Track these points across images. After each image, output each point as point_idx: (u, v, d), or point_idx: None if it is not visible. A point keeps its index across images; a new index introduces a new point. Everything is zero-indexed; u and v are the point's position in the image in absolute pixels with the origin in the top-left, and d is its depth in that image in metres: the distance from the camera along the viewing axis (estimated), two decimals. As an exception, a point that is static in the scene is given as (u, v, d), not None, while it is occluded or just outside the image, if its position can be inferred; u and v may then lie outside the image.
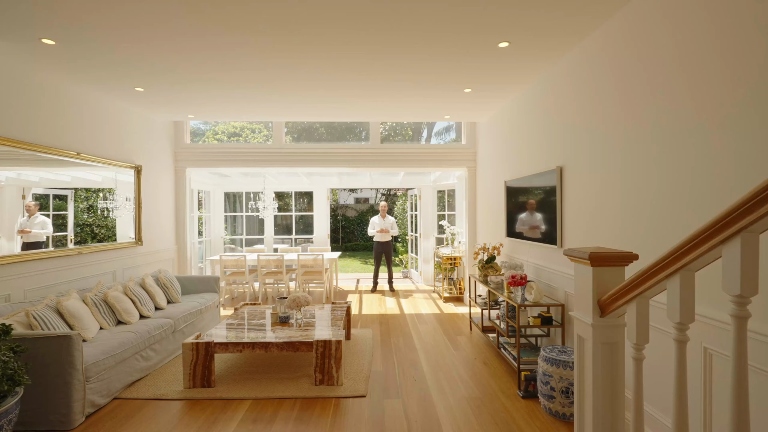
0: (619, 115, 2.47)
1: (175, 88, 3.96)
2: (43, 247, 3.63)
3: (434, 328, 4.69)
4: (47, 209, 3.74)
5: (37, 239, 3.63)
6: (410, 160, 5.83)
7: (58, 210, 3.90)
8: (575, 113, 3.00)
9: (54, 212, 3.82)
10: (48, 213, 3.75)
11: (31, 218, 3.59)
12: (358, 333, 4.46)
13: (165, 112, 4.88)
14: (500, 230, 4.66)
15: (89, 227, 4.41)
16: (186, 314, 3.99)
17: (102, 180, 4.35)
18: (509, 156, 4.43)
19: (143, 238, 4.81)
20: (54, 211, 3.82)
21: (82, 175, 4.13)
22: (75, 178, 4.06)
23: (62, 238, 3.89)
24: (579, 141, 2.95)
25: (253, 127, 12.31)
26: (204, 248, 7.34)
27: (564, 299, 3.15)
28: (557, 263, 3.27)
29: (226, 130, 12.13)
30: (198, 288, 4.79)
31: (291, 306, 3.70)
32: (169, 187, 5.51)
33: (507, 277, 3.41)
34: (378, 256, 6.96)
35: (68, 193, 3.99)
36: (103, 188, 4.38)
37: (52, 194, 3.88)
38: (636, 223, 2.31)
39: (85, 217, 4.19)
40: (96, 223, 4.35)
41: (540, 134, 3.62)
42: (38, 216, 3.64)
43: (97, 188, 4.33)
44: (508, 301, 3.35)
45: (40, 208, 3.66)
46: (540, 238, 3.56)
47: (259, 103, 4.53)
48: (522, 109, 4.05)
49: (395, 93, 4.12)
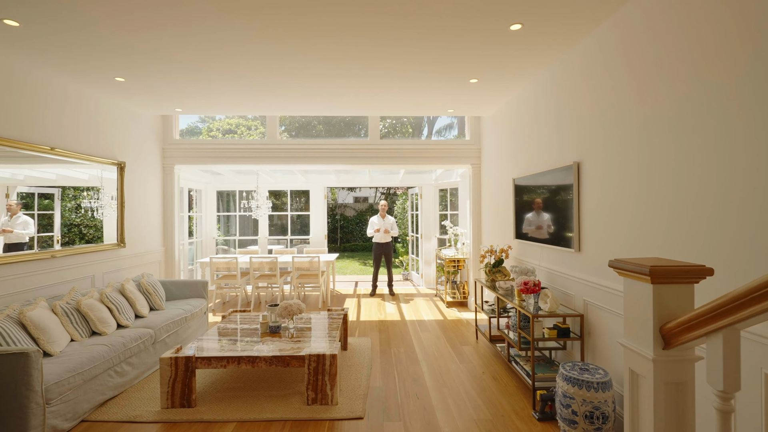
0: (645, 105, 2.17)
1: (159, 78, 3.65)
2: (25, 248, 3.41)
3: (437, 337, 4.39)
4: (32, 209, 3.52)
5: (18, 240, 3.39)
6: (411, 156, 5.53)
7: (45, 209, 3.69)
8: (594, 104, 2.69)
9: (40, 212, 3.60)
10: (33, 213, 3.54)
11: (13, 218, 3.36)
12: (355, 342, 4.15)
13: (150, 105, 4.56)
14: (508, 231, 4.36)
15: (77, 228, 4.19)
16: (169, 323, 3.68)
17: (89, 178, 4.13)
18: (517, 152, 4.13)
19: (126, 240, 4.50)
20: (40, 211, 3.61)
21: (67, 173, 3.89)
22: (60, 176, 3.83)
23: (48, 239, 3.68)
24: (600, 134, 2.65)
25: (249, 124, 11.99)
26: (195, 249, 7.02)
27: (582, 309, 2.84)
28: (574, 268, 2.97)
29: (221, 128, 11.81)
30: (185, 293, 4.48)
31: (282, 314, 3.39)
32: (156, 186, 5.20)
33: (518, 283, 3.11)
34: (377, 258, 6.65)
35: (55, 192, 3.78)
36: (90, 187, 4.15)
37: (37, 193, 3.66)
38: (673, 225, 2.01)
39: (72, 217, 3.98)
40: (84, 223, 4.13)
41: (553, 128, 3.32)
42: (20, 215, 3.42)
43: (85, 187, 4.10)
44: (519, 311, 3.05)
45: (26, 208, 3.46)
46: (553, 241, 3.26)
47: (252, 96, 4.22)
48: (531, 102, 3.75)
49: (396, 84, 3.81)
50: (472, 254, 5.53)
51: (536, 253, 3.66)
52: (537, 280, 3.04)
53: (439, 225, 7.31)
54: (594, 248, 2.72)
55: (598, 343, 2.68)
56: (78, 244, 3.95)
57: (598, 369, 2.41)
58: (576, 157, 2.94)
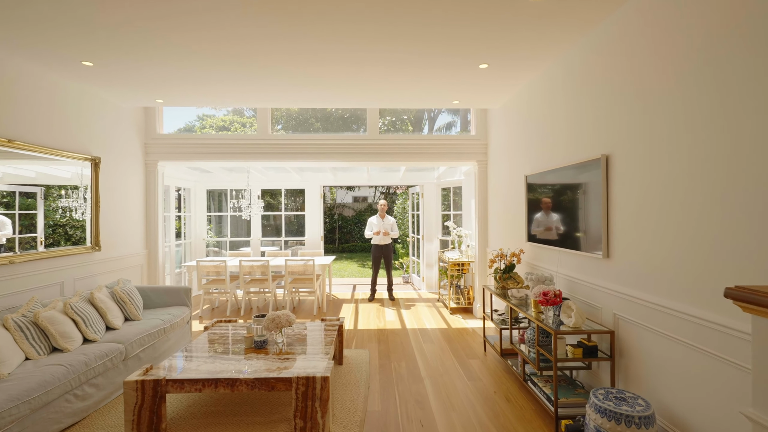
0: (692, 89, 1.80)
1: (133, 62, 3.27)
2: (2, 250, 3.17)
3: (442, 348, 4.01)
4: (13, 208, 3.30)
5: (-8, 240, 3.10)
6: (412, 153, 5.15)
7: (27, 209, 3.45)
8: (626, 89, 2.32)
9: (22, 211, 3.37)
10: (14, 212, 3.30)
11: (-13, 218, 3.05)
12: (352, 355, 3.78)
13: (127, 95, 4.17)
14: (519, 233, 3.99)
15: (62, 228, 3.88)
16: (144, 335, 3.30)
17: (71, 176, 3.85)
18: (530, 146, 3.76)
19: (102, 242, 4.12)
20: (22, 210, 3.37)
21: (46, 171, 3.61)
22: (40, 174, 3.55)
23: (31, 240, 3.44)
24: (634, 123, 2.27)
25: (244, 121, 11.61)
26: (183, 252, 6.64)
27: (612, 324, 2.47)
28: (602, 277, 2.60)
29: (215, 125, 11.43)
30: (165, 301, 4.10)
31: (270, 327, 3.01)
32: (137, 184, 4.82)
33: (536, 293, 2.74)
34: (376, 261, 6.28)
35: (37, 190, 3.53)
36: (72, 186, 3.85)
37: (18, 192, 3.38)
38: (742, 227, 1.64)
39: (57, 217, 3.72)
40: (70, 224, 3.85)
41: (573, 118, 2.95)
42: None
43: (70, 186, 3.83)
44: (538, 325, 2.67)
45: (6, 207, 3.24)
46: (575, 245, 2.88)
47: (241, 84, 3.84)
48: (546, 90, 3.37)
49: (398, 70, 3.43)
50: (478, 257, 5.16)
51: (553, 258, 3.29)
52: (557, 290, 2.67)
53: (442, 226, 6.94)
54: (627, 254, 2.35)
55: (634, 365, 2.30)
56: (63, 246, 3.74)
57: (636, 399, 2.03)
58: (603, 149, 2.56)
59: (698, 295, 1.85)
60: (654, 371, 2.15)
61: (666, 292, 2.04)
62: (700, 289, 1.84)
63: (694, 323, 1.87)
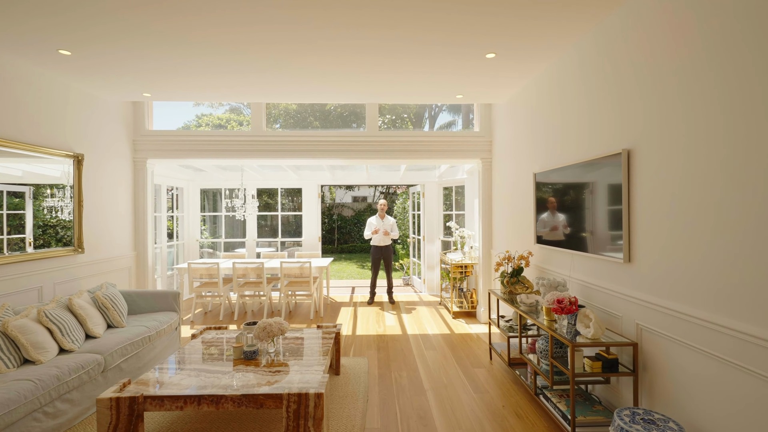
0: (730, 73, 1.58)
1: (114, 52, 3.04)
2: None
3: (445, 356, 3.79)
4: (0, 208, 3.16)
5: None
6: (413, 150, 4.93)
7: (15, 209, 3.31)
8: (651, 76, 2.10)
9: (9, 211, 3.23)
10: (1, 212, 3.16)
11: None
12: (350, 364, 3.56)
13: (111, 88, 3.94)
14: (527, 235, 3.77)
15: (53, 229, 3.69)
16: (126, 344, 3.08)
17: (60, 175, 3.69)
18: (539, 143, 3.54)
19: (85, 244, 3.90)
20: (9, 210, 3.23)
21: (32, 169, 3.44)
22: (27, 172, 3.39)
23: (19, 241, 3.28)
24: (659, 112, 2.06)
25: (241, 120, 11.38)
26: (176, 253, 6.42)
27: (635, 335, 2.25)
28: (622, 283, 2.38)
29: (211, 122, 11.20)
30: (153, 306, 3.87)
31: (261, 336, 2.79)
32: (125, 182, 4.59)
33: (550, 300, 2.52)
34: (376, 262, 6.06)
35: (25, 190, 3.38)
36: (60, 184, 3.69)
37: (6, 191, 3.23)
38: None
39: (48, 218, 3.57)
40: (61, 224, 3.69)
41: (588, 111, 2.73)
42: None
43: (59, 185, 3.68)
44: (551, 335, 2.45)
45: None
46: (590, 247, 2.66)
47: (234, 77, 3.62)
48: (557, 83, 3.15)
49: (399, 60, 3.21)
50: (482, 259, 4.94)
51: (564, 261, 3.07)
52: (573, 297, 2.45)
53: (444, 226, 6.72)
54: (652, 258, 2.13)
55: (660, 381, 2.08)
56: (54, 247, 3.59)
57: (667, 422, 1.81)
58: (625, 143, 2.34)
59: (741, 306, 1.62)
60: (684, 389, 1.93)
61: (701, 302, 1.82)
62: (743, 299, 1.61)
63: (734, 338, 1.64)
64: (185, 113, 12.27)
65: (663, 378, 2.06)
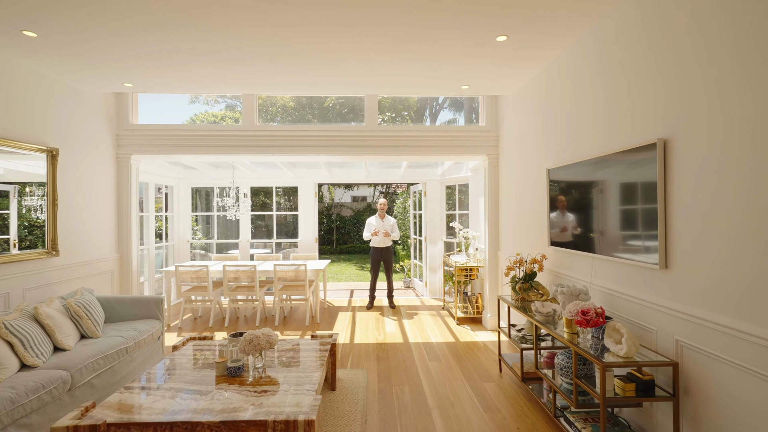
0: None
1: (88, 35, 2.75)
2: None
3: (450, 368, 3.49)
4: None
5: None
6: (415, 146, 4.63)
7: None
8: (694, 55, 1.81)
9: None
10: None
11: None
12: (347, 377, 3.26)
13: (88, 77, 3.64)
14: (539, 236, 3.47)
15: (39, 229, 3.48)
16: (99, 357, 2.78)
17: (45, 173, 3.49)
18: (553, 136, 3.24)
19: (60, 246, 3.60)
20: None
21: (14, 167, 3.24)
22: (9, 170, 3.20)
23: (3, 243, 3.12)
24: (704, 97, 1.76)
25: (237, 117, 11.09)
26: (165, 255, 6.11)
27: (675, 353, 1.95)
28: (658, 292, 2.08)
29: (205, 120, 10.90)
30: (133, 313, 3.57)
31: (247, 350, 2.50)
32: (107, 180, 4.29)
33: (572, 311, 2.22)
34: (375, 265, 5.76)
35: (10, 188, 3.22)
36: (40, 182, 3.46)
37: None
38: None
39: (34, 218, 3.40)
40: (39, 224, 3.45)
41: (613, 98, 2.43)
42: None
43: (39, 182, 3.46)
44: (575, 351, 2.16)
45: None
46: (614, 251, 2.37)
47: (222, 66, 3.33)
48: (573, 69, 2.86)
49: (399, 47, 2.91)
50: (488, 262, 4.65)
51: (584, 266, 2.77)
52: (599, 308, 2.16)
53: (447, 227, 6.43)
54: (694, 264, 1.83)
55: (708, 409, 1.79)
56: (40, 248, 3.41)
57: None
58: (660, 132, 2.05)
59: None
60: (739, 420, 1.63)
61: (759, 317, 1.53)
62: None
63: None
64: (180, 112, 11.96)
65: (711, 405, 1.77)
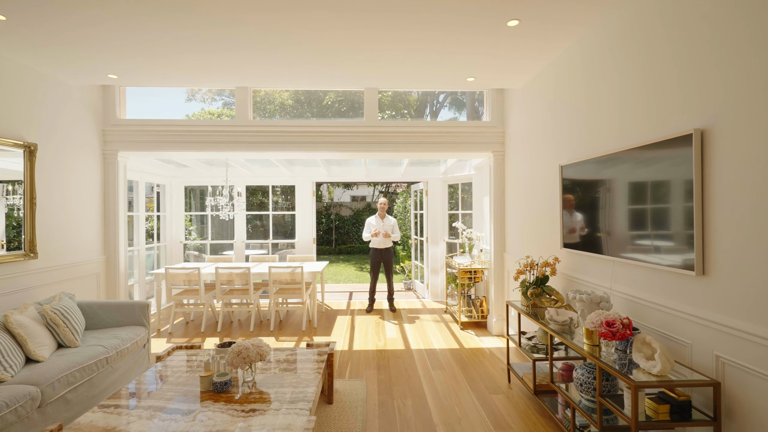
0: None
1: (64, 18, 2.52)
2: None
3: (455, 378, 3.27)
4: None
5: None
6: (417, 142, 4.41)
7: None
8: (748, 28, 1.59)
9: None
10: None
11: None
12: (345, 389, 3.04)
13: (66, 65, 3.39)
14: (550, 237, 3.25)
15: None
16: (74, 370, 2.55)
17: (23, 170, 3.28)
18: (566, 131, 3.02)
19: (39, 248, 3.37)
20: None
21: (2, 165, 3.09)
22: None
23: None
24: (751, 81, 1.54)
25: (233, 114, 10.86)
26: (158, 256, 5.88)
27: (715, 372, 1.73)
28: (692, 302, 1.86)
29: (201, 117, 10.66)
30: (117, 319, 3.35)
31: (235, 363, 2.27)
32: (93, 177, 4.06)
33: (595, 322, 2.00)
34: (375, 266, 5.54)
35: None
36: None
37: None
38: None
39: (18, 217, 3.23)
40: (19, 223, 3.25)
41: (638, 84, 2.21)
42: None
43: None
44: (599, 366, 1.93)
45: None
46: (640, 254, 2.15)
47: (209, 55, 3.12)
48: (592, 53, 2.64)
49: (404, 33, 2.69)
50: (493, 264, 4.42)
51: (602, 270, 2.55)
52: (626, 319, 1.94)
53: (449, 227, 6.21)
54: (739, 271, 1.61)
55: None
56: None
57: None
58: (696, 121, 1.83)
59: None
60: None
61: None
62: None
63: None
64: (176, 111, 11.73)
65: (757, 430, 1.55)
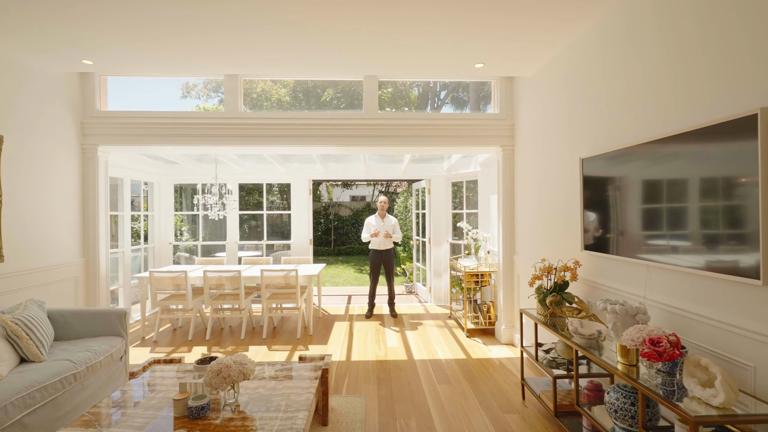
0: None
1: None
2: None
3: (464, 395, 2.97)
4: None
5: None
6: (419, 136, 4.10)
7: None
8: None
9: None
10: None
11: None
12: (342, 406, 2.73)
13: (33, 47, 3.08)
14: (568, 239, 2.95)
15: None
16: (33, 390, 2.24)
17: None
18: (587, 120, 2.72)
19: (6, 250, 3.06)
20: None
21: None
22: None
23: None
24: None
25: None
26: (145, 258, 5.57)
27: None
28: (757, 316, 1.56)
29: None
30: (92, 329, 3.04)
31: (215, 384, 1.97)
32: (70, 173, 3.76)
33: (635, 339, 1.69)
34: (375, 268, 5.23)
35: None
36: None
37: None
38: None
39: None
40: None
41: (681, 58, 1.91)
42: None
43: None
44: (642, 392, 1.63)
45: None
46: (680, 258, 1.85)
47: (201, 37, 2.81)
48: (621, 32, 2.34)
49: (406, 14, 2.39)
50: (502, 267, 4.12)
51: (633, 276, 2.25)
52: (672, 336, 1.63)
53: (453, 227, 5.90)
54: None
55: None
56: None
57: None
58: (758, 100, 1.52)
59: None
60: None
61: None
62: None
63: None
64: (171, 109, 11.43)
65: None
